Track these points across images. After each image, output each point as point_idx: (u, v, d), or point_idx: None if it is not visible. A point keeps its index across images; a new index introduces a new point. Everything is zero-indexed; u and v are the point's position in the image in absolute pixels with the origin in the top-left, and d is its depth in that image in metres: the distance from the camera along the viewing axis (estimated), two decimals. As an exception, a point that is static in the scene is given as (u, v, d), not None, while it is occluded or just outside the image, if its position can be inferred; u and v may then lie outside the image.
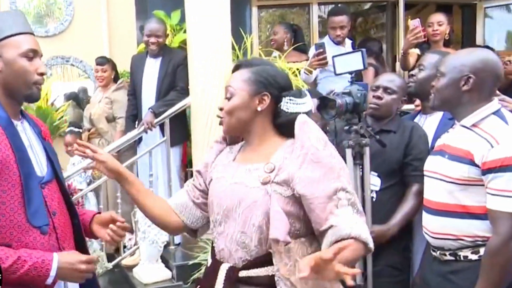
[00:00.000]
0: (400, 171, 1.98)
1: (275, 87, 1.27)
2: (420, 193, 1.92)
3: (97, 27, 4.80)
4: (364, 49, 1.95)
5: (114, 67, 3.92)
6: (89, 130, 3.82)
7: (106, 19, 4.80)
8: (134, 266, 3.14)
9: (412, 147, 1.96)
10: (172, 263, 3.08)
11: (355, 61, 1.90)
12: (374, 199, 1.93)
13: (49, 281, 1.26)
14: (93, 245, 3.21)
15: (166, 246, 3.09)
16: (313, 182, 1.16)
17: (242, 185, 1.24)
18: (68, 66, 4.83)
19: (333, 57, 1.96)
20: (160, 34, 3.39)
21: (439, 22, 3.22)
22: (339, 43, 3.44)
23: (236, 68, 1.33)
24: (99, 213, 1.52)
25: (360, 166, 1.86)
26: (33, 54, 1.32)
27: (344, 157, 1.83)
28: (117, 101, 3.73)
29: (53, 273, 1.25)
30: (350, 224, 1.15)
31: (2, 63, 1.30)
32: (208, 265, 1.32)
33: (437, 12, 3.56)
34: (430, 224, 1.60)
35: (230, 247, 1.23)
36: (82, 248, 1.42)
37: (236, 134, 1.36)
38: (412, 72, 2.11)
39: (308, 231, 1.22)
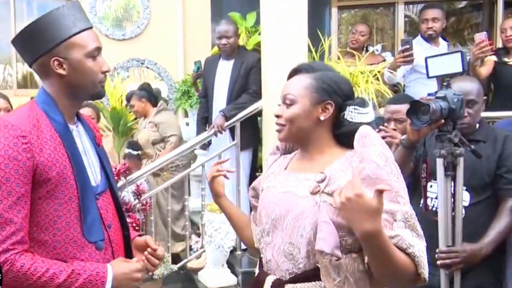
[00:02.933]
0: (492, 184, 1.88)
1: (339, 94, 1.24)
2: None
3: (173, 30, 5.08)
4: (464, 50, 1.83)
5: (143, 95, 4.12)
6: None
7: (181, 22, 5.07)
8: (200, 269, 3.24)
9: (505, 158, 1.86)
10: (238, 269, 3.14)
11: (453, 63, 1.77)
12: (462, 216, 1.82)
13: None
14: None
15: (232, 251, 3.16)
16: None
17: (291, 194, 1.22)
18: (144, 69, 5.14)
19: (426, 58, 1.85)
20: (230, 34, 3.48)
21: None
22: (431, 38, 3.34)
23: (295, 73, 1.29)
24: (140, 235, 1.48)
25: (452, 179, 1.76)
26: (97, 52, 1.28)
27: (434, 168, 1.77)
28: (162, 122, 4.06)
29: (108, 285, 1.24)
30: (409, 241, 1.12)
31: (68, 66, 1.25)
32: (256, 276, 1.31)
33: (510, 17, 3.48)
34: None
35: (278, 258, 1.22)
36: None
37: (293, 143, 1.34)
38: None
39: (361, 247, 1.15)
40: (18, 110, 1.30)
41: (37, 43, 1.23)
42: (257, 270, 1.33)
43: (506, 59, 3.31)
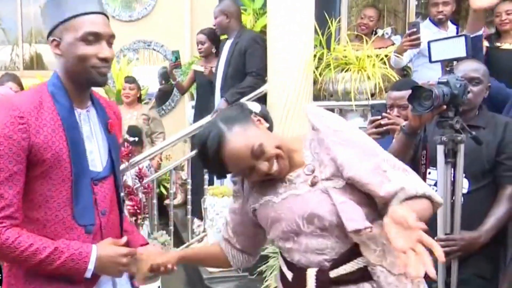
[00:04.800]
0: (491, 171, 1.86)
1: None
2: None
3: (180, 12, 5.06)
4: (469, 34, 1.79)
5: (139, 87, 4.47)
6: None
7: (189, 3, 5.04)
8: (201, 253, 3.27)
9: (506, 145, 1.85)
10: (238, 253, 3.16)
11: (456, 47, 1.74)
12: (461, 203, 1.81)
13: (88, 274, 1.25)
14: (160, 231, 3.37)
15: (233, 236, 3.18)
16: (352, 162, 1.18)
17: (294, 196, 1.23)
18: (152, 51, 5.16)
19: (429, 42, 1.81)
20: (215, 15, 3.59)
21: (507, 11, 3.22)
22: (440, 23, 3.28)
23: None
24: (146, 244, 1.49)
25: (452, 166, 1.74)
26: (93, 37, 1.24)
27: (433, 154, 1.76)
28: (155, 118, 4.47)
29: (91, 266, 1.25)
30: (411, 185, 1.18)
31: (62, 47, 1.26)
32: (289, 278, 1.28)
33: (505, 1, 3.40)
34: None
35: (308, 256, 1.23)
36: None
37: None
38: None
39: (376, 212, 1.21)
40: (26, 91, 1.34)
41: (45, 22, 1.28)
42: (286, 272, 1.29)
43: (498, 44, 3.25)
